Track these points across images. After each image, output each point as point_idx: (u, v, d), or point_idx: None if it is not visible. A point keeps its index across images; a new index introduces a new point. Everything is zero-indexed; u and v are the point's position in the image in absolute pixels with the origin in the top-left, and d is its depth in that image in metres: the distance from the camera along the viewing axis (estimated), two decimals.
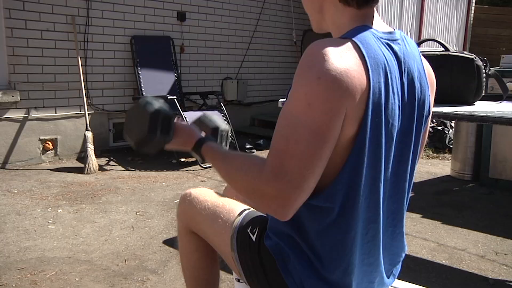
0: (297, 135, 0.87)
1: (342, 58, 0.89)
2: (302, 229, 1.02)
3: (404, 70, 1.00)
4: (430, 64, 1.18)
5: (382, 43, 0.98)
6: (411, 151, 1.07)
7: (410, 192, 1.14)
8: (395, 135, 1.00)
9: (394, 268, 1.19)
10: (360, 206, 0.98)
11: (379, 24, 1.04)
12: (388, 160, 1.01)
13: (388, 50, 0.98)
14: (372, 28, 0.99)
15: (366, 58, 0.92)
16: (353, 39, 0.94)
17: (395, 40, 1.01)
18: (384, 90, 0.94)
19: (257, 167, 0.92)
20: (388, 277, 1.17)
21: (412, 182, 1.13)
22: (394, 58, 0.99)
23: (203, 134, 1.21)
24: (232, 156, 1.04)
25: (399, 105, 0.98)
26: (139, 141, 1.17)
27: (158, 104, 1.16)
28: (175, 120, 1.20)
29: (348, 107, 0.89)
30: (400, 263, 1.21)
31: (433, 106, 1.16)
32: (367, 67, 0.91)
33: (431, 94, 1.11)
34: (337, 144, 0.91)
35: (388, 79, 0.95)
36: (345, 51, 0.91)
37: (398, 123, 0.99)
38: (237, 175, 0.98)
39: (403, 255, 1.19)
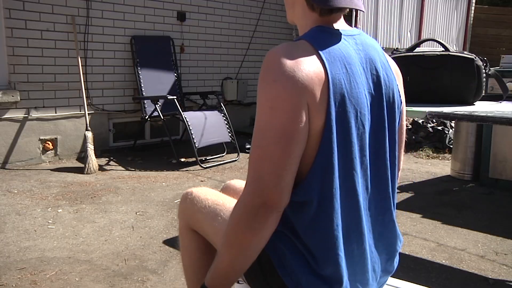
0: (266, 140, 0.92)
1: (294, 58, 0.94)
2: (292, 226, 1.03)
3: (366, 60, 1.05)
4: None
5: (338, 38, 1.03)
6: (387, 139, 1.09)
7: (398, 180, 1.16)
8: (366, 123, 1.03)
9: (392, 259, 1.18)
10: (336, 195, 0.99)
11: (338, 23, 1.08)
12: (363, 148, 1.03)
13: (345, 43, 1.03)
14: (327, 27, 1.04)
15: (320, 53, 0.97)
16: (305, 39, 1.00)
17: (351, 35, 1.06)
18: (345, 80, 0.98)
19: (237, 204, 0.97)
20: (386, 268, 1.16)
21: (397, 172, 1.15)
22: (354, 49, 1.03)
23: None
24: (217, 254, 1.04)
25: (365, 94, 1.02)
26: None
27: None
28: None
29: (309, 101, 0.93)
30: (397, 254, 1.20)
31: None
32: (323, 60, 0.96)
33: (398, 84, 1.14)
34: (308, 138, 0.95)
35: (348, 70, 0.99)
36: (297, 50, 0.96)
37: (367, 111, 1.03)
38: (232, 233, 0.97)
39: (400, 244, 1.19)
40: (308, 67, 0.94)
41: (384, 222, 1.13)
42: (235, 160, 4.82)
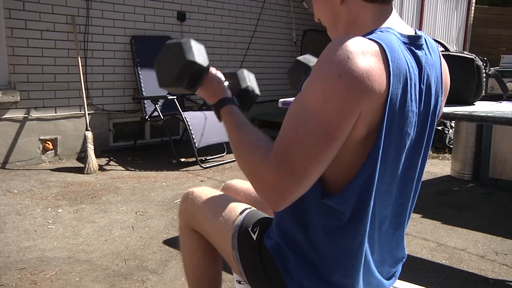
0: (307, 128, 0.85)
1: (366, 59, 0.86)
2: (309, 227, 1.02)
3: (424, 77, 0.98)
4: None
5: (406, 48, 0.96)
6: (421, 157, 1.07)
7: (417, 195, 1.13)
8: (408, 142, 0.99)
9: (395, 272, 1.19)
10: (370, 212, 0.97)
11: (402, 26, 1.01)
12: (397, 167, 1.00)
13: (410, 56, 0.96)
14: (396, 31, 0.97)
15: (390, 63, 0.89)
16: (379, 41, 0.90)
17: (419, 45, 0.99)
18: (402, 97, 0.92)
19: (263, 150, 0.90)
20: (389, 279, 1.17)
21: (419, 186, 1.13)
22: (416, 64, 0.96)
23: (229, 94, 1.19)
24: (245, 129, 1.02)
25: (415, 112, 0.97)
26: (163, 80, 1.17)
27: (197, 54, 1.14)
28: (209, 72, 1.19)
29: (364, 109, 0.87)
30: (401, 265, 1.21)
31: None
32: (389, 71, 0.89)
33: (443, 99, 1.10)
34: (345, 146, 0.90)
35: (407, 86, 0.93)
36: (370, 52, 0.88)
37: (412, 129, 0.98)
38: (243, 151, 0.96)
39: (403, 259, 1.19)
40: (376, 75, 0.86)
41: (394, 236, 1.12)
42: (235, 160, 4.81)
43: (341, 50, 0.86)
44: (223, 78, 1.25)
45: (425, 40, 1.02)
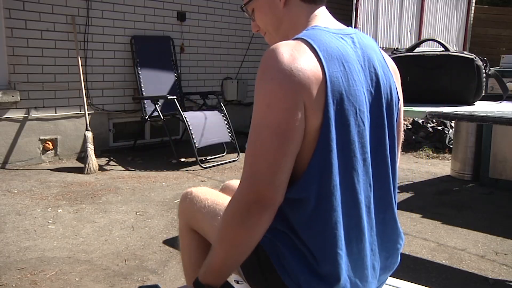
0: (260, 138, 0.93)
1: (292, 56, 0.94)
2: (290, 224, 1.03)
3: (364, 58, 1.05)
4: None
5: (335, 37, 1.03)
6: (387, 136, 1.09)
7: (397, 178, 1.16)
8: (366, 120, 1.03)
9: (392, 257, 1.18)
10: (335, 192, 0.99)
11: (333, 23, 1.10)
12: (364, 145, 1.03)
13: (342, 41, 1.03)
14: (322, 27, 1.05)
15: (318, 51, 0.97)
16: (303, 37, 1.00)
17: (348, 34, 1.07)
18: (343, 78, 0.98)
19: (231, 200, 0.97)
20: (386, 266, 1.16)
21: (396, 169, 1.15)
22: (351, 48, 1.03)
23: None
24: (213, 247, 1.05)
25: (363, 92, 1.02)
26: None
27: None
28: None
29: (306, 99, 0.93)
30: (399, 252, 1.20)
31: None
32: (320, 59, 0.96)
33: (396, 81, 1.14)
34: (305, 136, 0.95)
35: (345, 68, 0.99)
36: (295, 48, 0.96)
37: (366, 108, 1.03)
38: (225, 229, 0.98)
39: (401, 242, 1.18)
40: (306, 65, 0.94)
41: (385, 219, 1.13)
42: (235, 160, 4.82)
43: (269, 57, 0.96)
44: None
45: (355, 31, 1.10)
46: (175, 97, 4.64)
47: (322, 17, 1.09)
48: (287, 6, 1.10)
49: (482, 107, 2.11)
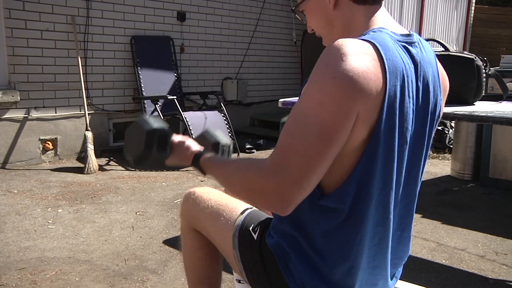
0: (303, 133, 0.86)
1: (360, 59, 0.87)
2: (305, 229, 1.02)
3: (420, 74, 0.99)
4: None
5: (400, 46, 0.96)
6: (423, 155, 1.07)
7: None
8: (409, 139, 0.99)
9: (396, 271, 1.19)
10: (370, 209, 0.97)
11: (395, 25, 1.03)
12: (402, 163, 1.00)
13: (405, 53, 0.97)
14: (389, 30, 0.98)
15: (385, 61, 0.90)
16: (372, 41, 0.92)
17: (412, 43, 1.00)
18: (400, 94, 0.93)
19: (256, 165, 0.91)
20: (391, 279, 1.17)
21: (419, 186, 1.13)
22: (411, 61, 0.97)
23: (202, 148, 1.21)
24: (230, 161, 1.05)
25: (413, 109, 0.97)
26: (136, 157, 1.20)
27: (154, 122, 1.19)
28: (173, 137, 1.21)
29: (361, 109, 0.87)
30: (402, 265, 1.21)
31: None
32: (385, 70, 0.89)
33: (443, 98, 1.11)
34: (347, 146, 0.90)
35: (404, 83, 0.93)
36: (364, 52, 0.89)
37: (412, 127, 0.99)
38: (235, 176, 0.97)
39: (406, 259, 1.19)
40: (371, 74, 0.87)
41: (401, 237, 1.12)
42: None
43: (335, 53, 0.88)
44: (189, 138, 1.25)
45: (418, 39, 1.04)
46: (175, 97, 4.64)
47: (384, 18, 1.02)
48: (338, 8, 1.03)
49: (482, 107, 2.11)
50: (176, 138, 1.22)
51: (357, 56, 0.87)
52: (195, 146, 1.21)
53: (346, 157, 0.92)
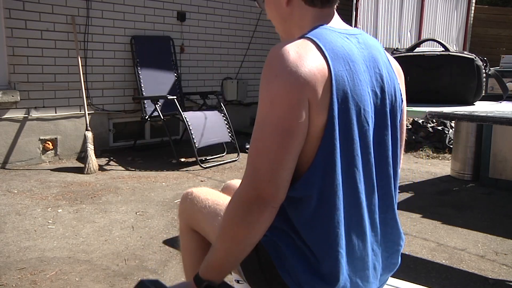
0: (263, 134, 0.93)
1: (298, 54, 0.94)
2: (291, 223, 1.03)
3: (369, 59, 1.05)
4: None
5: (340, 36, 1.03)
6: (389, 136, 1.09)
7: (399, 179, 1.16)
8: (370, 120, 1.03)
9: (393, 257, 1.18)
10: (338, 192, 0.99)
11: (339, 23, 1.09)
12: (367, 145, 1.03)
13: (348, 41, 1.03)
14: (328, 26, 1.05)
15: (324, 50, 0.96)
16: (309, 36, 0.99)
17: (353, 34, 1.06)
18: (348, 78, 0.98)
19: (233, 197, 0.97)
20: (387, 266, 1.16)
21: (398, 170, 1.15)
22: (356, 48, 1.03)
23: None
24: (215, 243, 1.03)
25: (368, 92, 1.02)
26: None
27: None
28: None
29: (310, 97, 0.93)
30: (400, 253, 1.20)
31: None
32: (326, 57, 0.96)
33: (400, 82, 1.14)
34: (309, 134, 0.94)
35: (351, 67, 0.99)
36: (301, 47, 0.96)
37: (371, 108, 1.03)
38: (225, 230, 0.98)
39: (402, 243, 1.19)
40: (311, 63, 0.93)
41: (386, 220, 1.13)
42: (235, 160, 4.82)
43: (275, 55, 0.95)
44: None
45: (361, 32, 1.10)
46: (175, 97, 4.64)
47: (328, 18, 1.08)
48: (290, 5, 1.09)
49: (482, 107, 2.11)
50: None
51: (294, 52, 0.94)
52: None
53: (308, 145, 0.96)
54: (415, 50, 2.39)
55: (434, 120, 5.95)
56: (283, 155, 0.92)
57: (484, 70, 2.21)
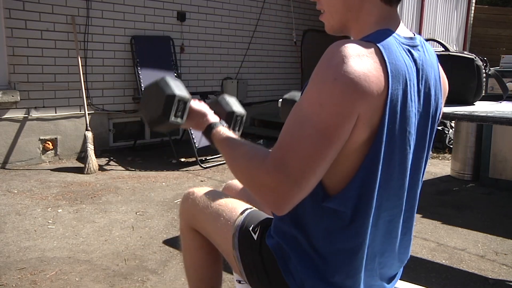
0: (303, 133, 0.86)
1: (362, 61, 0.87)
2: (307, 229, 1.02)
3: (422, 78, 0.99)
4: None
5: (403, 49, 0.96)
6: (424, 158, 1.07)
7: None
8: (412, 143, 0.99)
9: (396, 272, 1.19)
10: (371, 212, 0.97)
11: (401, 28, 1.02)
12: (405, 167, 1.00)
13: (408, 56, 0.96)
14: (394, 32, 0.97)
15: (387, 64, 0.89)
16: (376, 43, 0.91)
17: (415, 46, 0.99)
18: (402, 98, 0.92)
19: (261, 157, 0.91)
20: (391, 280, 1.17)
21: (420, 189, 1.13)
22: (414, 65, 0.97)
23: (217, 119, 1.22)
24: (239, 143, 1.04)
25: (415, 113, 0.97)
26: (152, 120, 1.19)
27: (176, 87, 1.18)
28: (191, 103, 1.22)
29: (362, 111, 0.87)
30: (401, 269, 1.21)
31: None
32: (387, 73, 0.89)
33: (443, 101, 1.11)
34: (347, 148, 0.90)
35: (407, 87, 0.93)
36: (366, 54, 0.88)
37: (415, 131, 0.99)
38: (240, 161, 0.97)
39: (406, 261, 1.19)
40: (372, 77, 0.87)
41: (403, 241, 1.12)
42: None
43: (338, 53, 0.87)
44: (207, 107, 1.26)
45: (421, 41, 1.03)
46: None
47: (394, 21, 1.01)
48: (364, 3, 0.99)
49: (482, 107, 2.11)
50: (194, 105, 1.23)
51: (359, 58, 0.86)
52: (212, 116, 1.21)
53: (347, 158, 0.92)
54: None
55: None
56: (318, 163, 0.85)
57: (484, 70, 2.21)
